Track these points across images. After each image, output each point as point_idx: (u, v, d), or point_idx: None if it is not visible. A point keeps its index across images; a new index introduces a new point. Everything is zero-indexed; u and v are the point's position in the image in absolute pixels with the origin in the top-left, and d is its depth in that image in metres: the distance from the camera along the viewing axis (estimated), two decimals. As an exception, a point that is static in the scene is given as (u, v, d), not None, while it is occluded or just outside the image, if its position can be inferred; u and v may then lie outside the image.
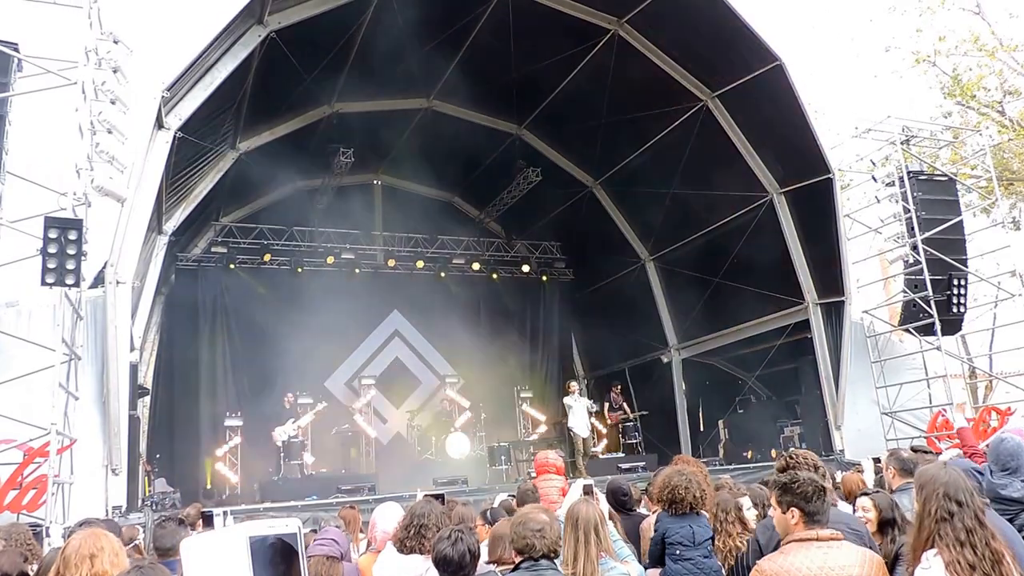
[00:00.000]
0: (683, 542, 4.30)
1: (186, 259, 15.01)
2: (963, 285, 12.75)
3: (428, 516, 3.98)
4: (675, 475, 4.58)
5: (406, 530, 3.98)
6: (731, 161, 13.52)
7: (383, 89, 14.21)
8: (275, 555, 1.22)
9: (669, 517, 4.47)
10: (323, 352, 15.57)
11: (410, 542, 3.93)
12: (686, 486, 4.45)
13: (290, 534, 1.25)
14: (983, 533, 2.67)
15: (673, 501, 4.45)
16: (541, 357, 18.29)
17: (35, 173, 8.04)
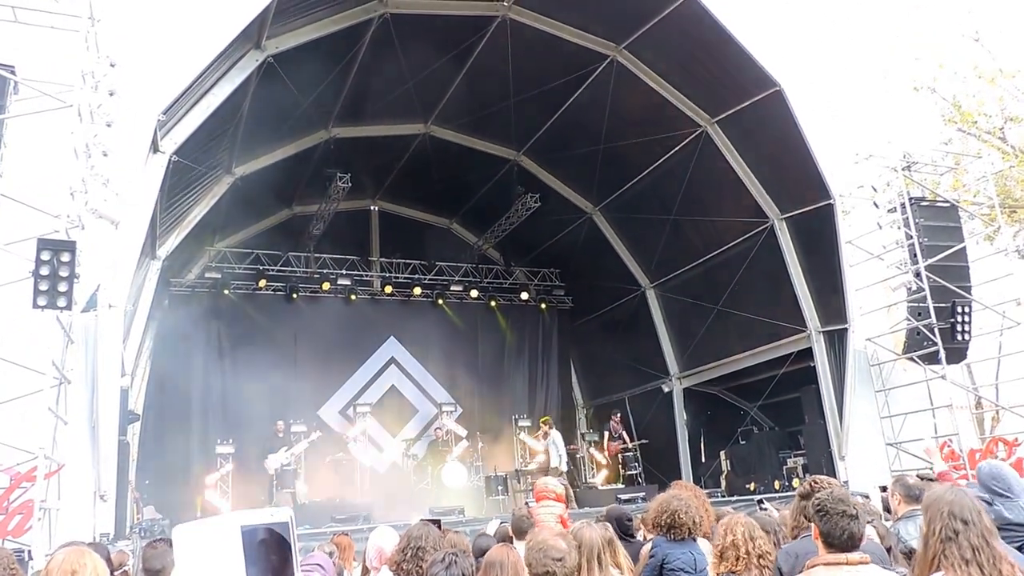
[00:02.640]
0: (685, 568, 4.26)
1: (180, 284, 15.09)
2: (967, 313, 12.71)
3: (425, 539, 3.95)
4: (672, 500, 4.55)
5: (402, 553, 3.95)
6: (731, 187, 13.64)
7: (381, 114, 14.40)
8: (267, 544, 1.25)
9: (668, 542, 4.42)
10: (317, 380, 15.58)
11: (407, 565, 3.90)
12: (685, 511, 4.43)
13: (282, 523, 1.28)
14: (990, 552, 2.62)
15: (672, 526, 4.41)
16: (540, 386, 18.28)
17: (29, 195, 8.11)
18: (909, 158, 14.13)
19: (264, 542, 1.25)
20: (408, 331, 17.19)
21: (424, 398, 17.18)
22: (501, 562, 3.49)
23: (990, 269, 14.43)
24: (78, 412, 9.02)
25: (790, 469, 13.69)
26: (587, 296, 18.41)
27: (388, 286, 16.73)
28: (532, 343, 18.47)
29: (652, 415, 16.67)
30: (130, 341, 10.79)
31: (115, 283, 9.04)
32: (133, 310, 10.81)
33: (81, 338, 9.10)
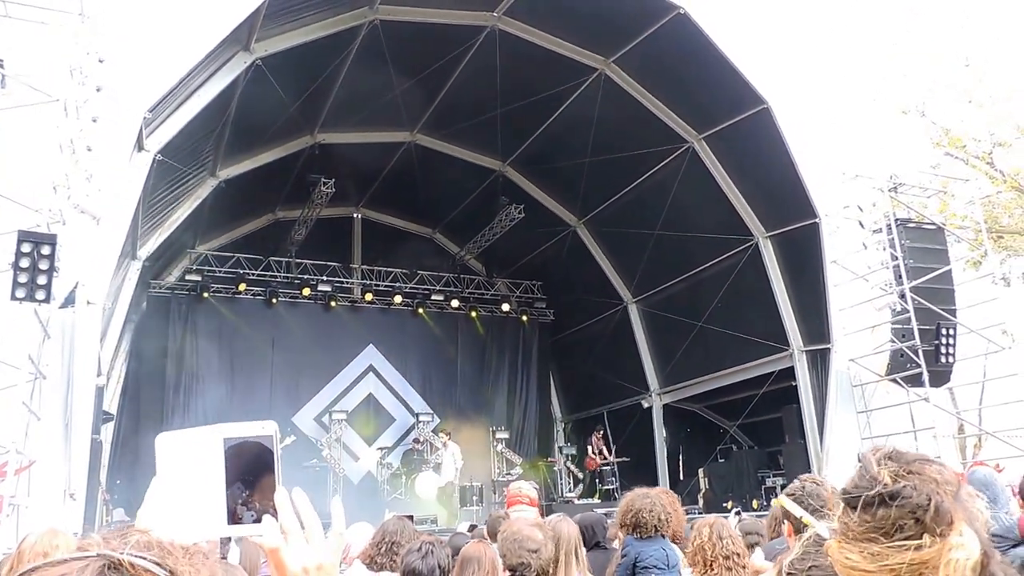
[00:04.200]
0: (657, 565, 4.28)
1: (159, 286, 15.27)
2: (952, 335, 12.86)
3: (400, 533, 3.98)
4: (636, 498, 4.57)
5: (377, 547, 3.97)
6: (717, 203, 13.87)
7: (367, 121, 14.64)
8: (250, 457, 1.24)
9: (637, 541, 4.45)
10: (294, 385, 15.77)
11: (381, 559, 3.93)
12: (650, 508, 4.44)
13: (266, 436, 1.25)
14: None
15: (637, 524, 4.44)
16: (519, 398, 18.48)
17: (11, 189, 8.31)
18: (896, 179, 14.44)
19: (247, 455, 1.24)
20: (387, 339, 17.40)
21: (401, 407, 17.36)
22: (478, 558, 3.49)
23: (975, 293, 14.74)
24: (52, 409, 9.15)
25: (769, 489, 13.89)
26: (568, 309, 18.65)
27: (368, 293, 16.95)
28: (512, 355, 18.69)
29: (631, 431, 16.84)
30: (107, 340, 10.94)
31: (94, 280, 9.21)
32: (112, 309, 10.97)
33: (58, 334, 9.24)
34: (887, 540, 0.71)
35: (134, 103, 9.12)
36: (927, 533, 0.70)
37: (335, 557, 1.22)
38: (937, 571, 0.68)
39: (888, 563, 0.70)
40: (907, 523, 0.71)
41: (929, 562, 0.69)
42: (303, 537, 1.20)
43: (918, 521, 0.71)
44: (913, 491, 0.72)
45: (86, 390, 9.18)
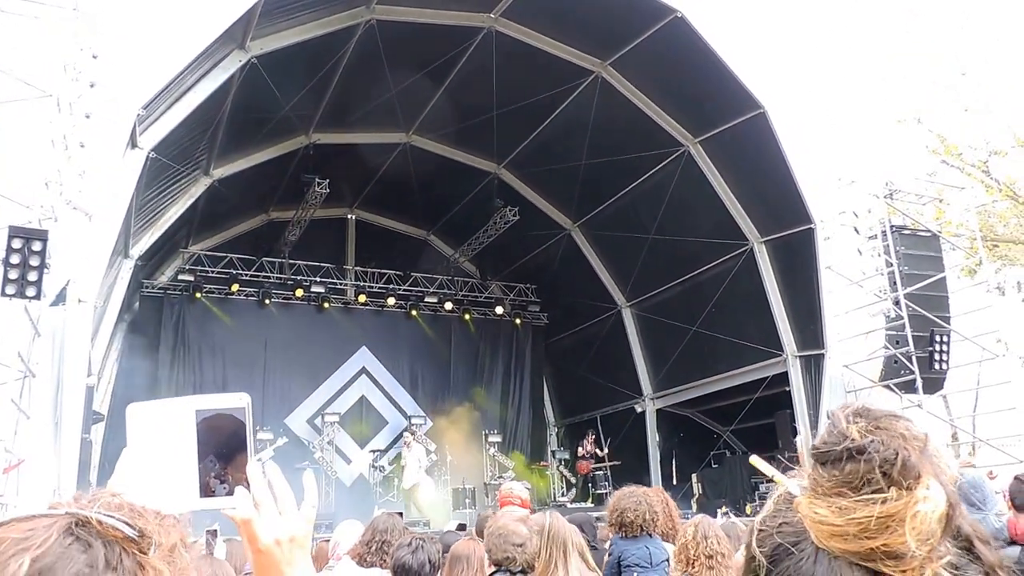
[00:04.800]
0: (640, 563, 4.36)
1: (151, 286, 15.23)
2: (946, 342, 12.93)
3: (391, 532, 3.96)
4: (625, 496, 4.65)
5: (367, 545, 3.95)
6: (712, 208, 13.91)
7: (362, 121, 14.64)
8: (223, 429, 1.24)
9: (623, 540, 4.52)
10: (286, 387, 15.73)
11: (371, 557, 3.91)
12: (635, 508, 4.51)
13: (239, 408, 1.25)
14: None
15: (623, 524, 4.51)
16: (512, 402, 18.45)
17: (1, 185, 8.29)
18: (891, 186, 14.51)
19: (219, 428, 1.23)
20: (380, 341, 17.36)
21: (394, 410, 17.31)
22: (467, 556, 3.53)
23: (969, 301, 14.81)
24: (42, 407, 9.11)
25: (762, 495, 13.92)
26: (563, 313, 18.65)
27: (362, 295, 16.91)
28: (505, 358, 18.65)
29: (624, 435, 16.81)
30: (98, 340, 10.90)
31: (86, 278, 9.18)
32: (103, 308, 10.93)
33: (48, 332, 9.21)
34: (855, 494, 0.73)
35: (128, 100, 9.10)
36: (894, 487, 0.71)
37: (307, 529, 1.23)
38: (904, 524, 0.70)
39: (856, 516, 0.71)
40: (874, 477, 0.72)
41: (896, 515, 0.70)
42: (275, 509, 1.20)
43: (885, 475, 0.72)
44: (881, 446, 0.73)
45: (76, 389, 9.15)
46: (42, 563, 0.80)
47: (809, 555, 0.75)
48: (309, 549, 1.24)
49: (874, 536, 0.71)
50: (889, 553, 0.71)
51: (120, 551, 0.85)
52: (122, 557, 0.85)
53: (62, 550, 0.82)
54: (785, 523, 0.79)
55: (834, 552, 0.74)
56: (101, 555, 0.83)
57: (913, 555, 0.71)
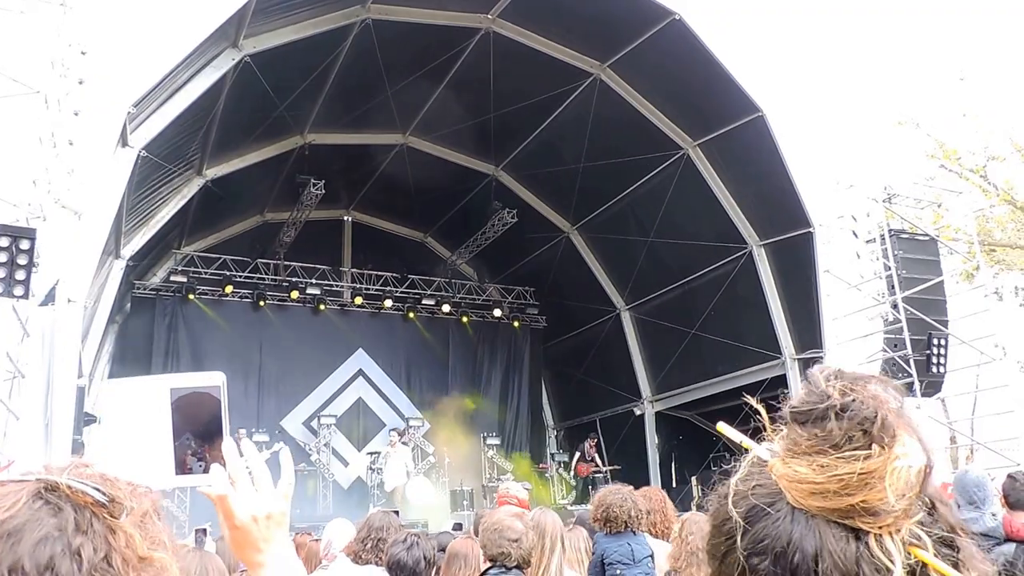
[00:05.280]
0: (622, 560, 4.36)
1: (143, 287, 15.02)
2: (943, 345, 12.93)
3: (386, 529, 3.91)
4: (610, 493, 4.66)
5: (362, 543, 3.93)
6: (711, 211, 13.80)
7: (358, 122, 14.47)
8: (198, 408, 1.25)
9: (606, 537, 4.54)
10: (282, 389, 15.52)
11: (366, 554, 3.88)
12: (620, 504, 4.51)
13: (214, 387, 1.27)
14: None
15: (608, 519, 4.51)
16: (510, 405, 18.27)
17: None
18: (890, 190, 14.45)
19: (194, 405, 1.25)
20: (377, 344, 17.18)
21: (392, 412, 17.10)
22: (465, 554, 3.53)
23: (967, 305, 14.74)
24: (31, 408, 8.93)
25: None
26: (561, 316, 18.49)
27: (358, 297, 16.71)
28: (503, 361, 18.47)
29: (623, 438, 16.73)
30: (89, 341, 10.71)
31: (76, 277, 8.99)
32: (93, 309, 10.74)
33: (37, 332, 9.03)
34: (836, 452, 0.74)
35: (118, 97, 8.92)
36: (875, 443, 0.73)
37: (284, 506, 1.23)
38: (883, 480, 0.72)
39: (837, 473, 0.73)
40: (856, 435, 0.73)
41: (876, 471, 0.72)
42: (252, 486, 1.20)
43: (866, 433, 0.73)
44: (861, 405, 0.74)
45: (67, 390, 8.95)
46: (10, 525, 0.80)
47: (785, 515, 0.76)
48: (286, 527, 1.24)
49: (854, 492, 0.72)
50: (867, 509, 0.72)
51: (91, 516, 0.85)
52: (92, 522, 0.85)
53: (31, 513, 0.82)
54: (759, 485, 0.80)
55: (811, 510, 0.74)
56: (71, 519, 0.83)
57: (890, 511, 0.72)
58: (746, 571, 0.77)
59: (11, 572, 0.78)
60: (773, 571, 0.74)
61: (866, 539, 0.72)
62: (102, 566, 0.83)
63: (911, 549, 0.72)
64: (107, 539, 0.84)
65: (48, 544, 0.80)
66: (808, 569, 0.72)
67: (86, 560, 0.82)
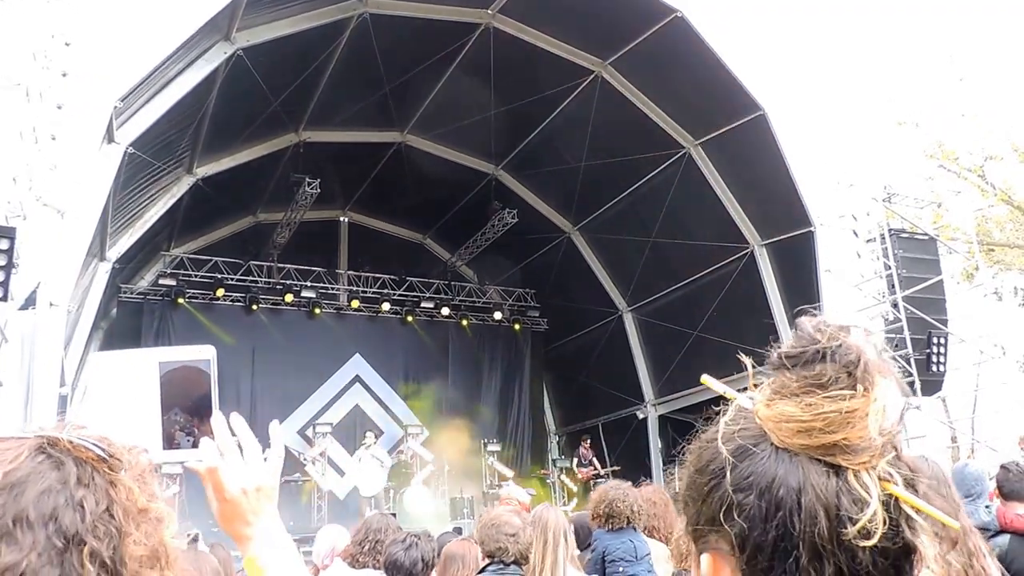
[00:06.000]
0: (625, 557, 4.27)
1: (130, 291, 14.48)
2: (943, 344, 12.88)
3: (384, 531, 3.82)
4: (611, 489, 4.62)
5: (360, 545, 3.84)
6: (713, 211, 13.57)
7: (355, 119, 14.08)
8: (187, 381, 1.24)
9: (607, 534, 4.46)
10: (275, 397, 15.02)
11: (363, 557, 3.78)
12: (622, 499, 4.45)
13: (203, 360, 1.27)
14: None
15: (610, 515, 4.45)
16: (511, 409, 17.85)
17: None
18: (890, 189, 14.39)
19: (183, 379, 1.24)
20: (375, 348, 16.69)
21: (390, 419, 16.61)
22: (462, 556, 3.47)
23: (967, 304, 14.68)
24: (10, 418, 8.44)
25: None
26: (562, 318, 18.12)
27: (355, 300, 16.21)
28: (504, 365, 18.05)
29: (626, 442, 16.42)
30: (72, 348, 10.21)
31: (58, 280, 8.50)
32: (77, 313, 10.25)
33: (17, 337, 8.52)
34: (823, 392, 0.78)
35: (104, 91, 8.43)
36: (858, 384, 0.77)
37: (274, 480, 1.23)
38: (865, 419, 0.77)
39: (823, 411, 0.77)
40: (841, 376, 0.78)
41: (859, 411, 0.77)
42: (241, 459, 1.21)
43: (850, 375, 0.78)
44: (847, 349, 0.79)
45: (48, 398, 8.45)
46: (14, 477, 0.83)
47: (769, 454, 0.80)
48: (275, 500, 1.23)
49: (837, 430, 0.77)
50: (848, 447, 0.77)
51: (92, 470, 0.89)
52: (94, 476, 0.88)
53: (34, 466, 0.85)
54: (743, 428, 0.83)
55: (795, 449, 0.79)
56: (73, 472, 0.87)
57: (869, 448, 0.77)
58: (731, 507, 0.80)
59: (15, 522, 0.81)
60: (758, 505, 0.78)
61: (845, 475, 0.77)
62: (104, 517, 0.86)
63: (884, 484, 0.77)
64: (108, 492, 0.88)
65: (51, 496, 0.84)
66: (792, 502, 0.76)
67: (88, 511, 0.85)
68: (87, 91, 8.24)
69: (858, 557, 0.74)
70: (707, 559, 0.83)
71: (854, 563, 0.74)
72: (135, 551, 0.87)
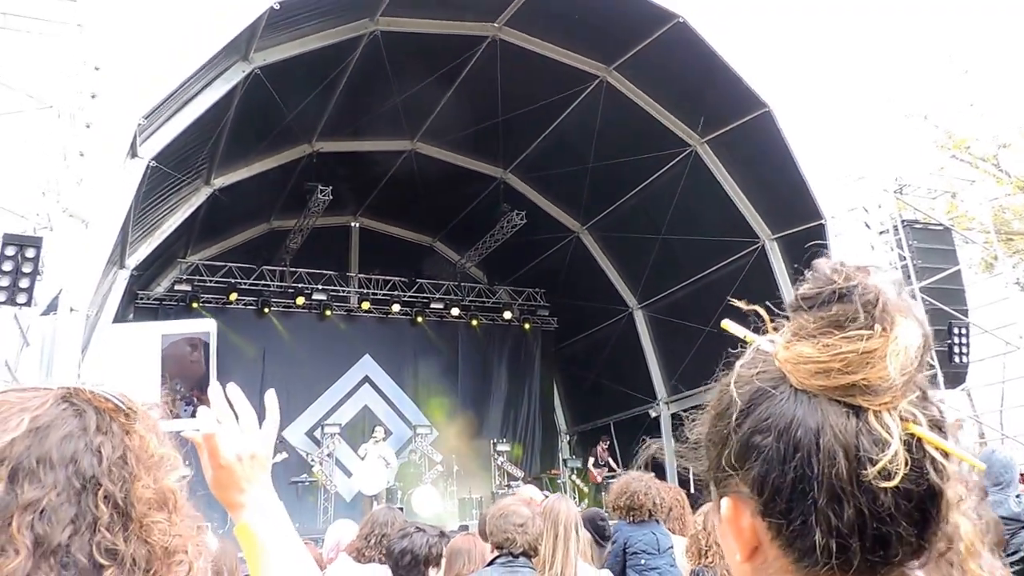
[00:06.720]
0: (647, 550, 4.26)
1: (147, 297, 15.06)
2: (965, 335, 12.86)
3: (390, 525, 3.84)
4: (632, 481, 4.56)
5: (366, 539, 3.87)
6: (721, 206, 13.79)
7: (366, 130, 14.59)
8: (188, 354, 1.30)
9: (628, 526, 4.42)
10: (285, 398, 15.15)
11: (369, 551, 3.80)
12: (644, 491, 4.43)
13: (204, 332, 1.33)
14: None
15: (631, 507, 4.41)
16: (521, 409, 18.10)
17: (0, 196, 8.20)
18: (901, 181, 14.42)
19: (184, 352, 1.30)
20: (384, 349, 17.05)
21: (399, 420, 16.93)
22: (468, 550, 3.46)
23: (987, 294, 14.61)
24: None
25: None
26: (572, 317, 18.39)
27: (365, 302, 16.63)
28: (514, 365, 18.32)
29: (639, 442, 16.35)
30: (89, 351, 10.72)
31: (79, 286, 9.00)
32: (96, 318, 10.74)
33: (38, 341, 9.02)
34: (840, 332, 0.78)
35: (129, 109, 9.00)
36: (876, 324, 0.77)
37: (268, 449, 1.29)
38: (884, 359, 0.76)
39: (841, 351, 0.77)
40: (859, 316, 0.78)
41: (877, 351, 0.76)
42: (237, 427, 1.25)
43: (868, 314, 0.77)
44: (864, 288, 0.79)
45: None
46: (39, 422, 0.90)
47: (788, 396, 0.80)
48: (269, 469, 1.29)
49: (856, 370, 0.76)
50: (868, 387, 0.76)
51: (109, 419, 0.95)
52: (111, 424, 0.95)
53: (57, 412, 0.92)
54: (762, 371, 0.84)
55: (813, 390, 0.78)
56: (93, 420, 0.93)
57: (889, 388, 0.76)
58: (750, 449, 0.80)
59: (39, 462, 0.87)
60: (776, 447, 0.78)
61: (865, 415, 0.76)
62: (119, 463, 0.93)
63: (906, 425, 0.76)
64: (123, 440, 0.95)
65: (72, 440, 0.90)
66: (810, 443, 0.76)
67: (105, 457, 0.92)
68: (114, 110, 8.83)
69: (879, 499, 0.74)
70: (727, 502, 0.84)
71: (875, 505, 0.74)
72: (145, 494, 0.93)
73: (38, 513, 0.85)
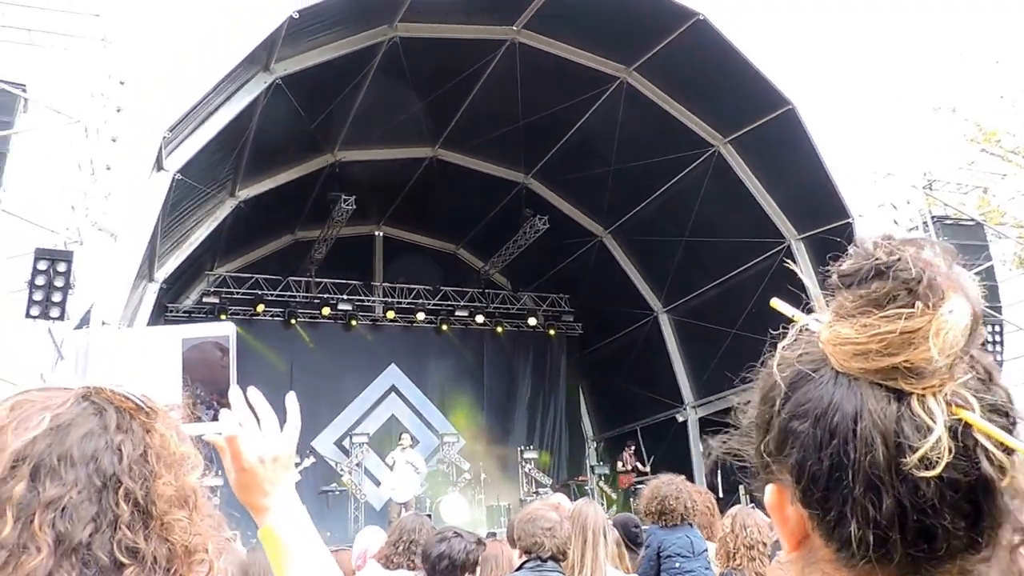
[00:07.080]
0: (682, 553, 4.27)
1: (176, 310, 15.33)
2: (998, 332, 12.69)
3: (419, 532, 3.86)
4: (663, 485, 4.58)
5: (394, 546, 3.87)
6: (746, 207, 13.75)
7: (387, 137, 14.75)
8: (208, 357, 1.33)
9: (662, 529, 4.43)
10: (313, 408, 15.58)
11: (398, 558, 3.82)
12: (676, 495, 4.45)
13: (223, 336, 1.35)
14: None
15: (663, 512, 4.42)
16: (547, 416, 18.14)
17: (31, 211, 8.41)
18: (930, 176, 14.27)
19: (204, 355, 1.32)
20: (410, 358, 17.19)
21: (425, 428, 17.04)
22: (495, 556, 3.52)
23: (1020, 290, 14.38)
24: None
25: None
26: (597, 322, 18.40)
27: (390, 311, 16.80)
28: (539, 371, 18.36)
29: (666, 447, 16.54)
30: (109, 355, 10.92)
31: (110, 300, 9.21)
32: (128, 332, 10.97)
33: (71, 355, 9.25)
34: (880, 311, 0.73)
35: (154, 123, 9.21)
36: (919, 302, 0.72)
37: (290, 450, 1.31)
38: (927, 340, 0.71)
39: (880, 332, 0.73)
40: (900, 293, 0.73)
41: (920, 331, 0.71)
42: (259, 430, 1.28)
43: (910, 292, 0.73)
44: (907, 264, 0.74)
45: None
46: (60, 420, 0.92)
47: (828, 379, 0.76)
48: (292, 471, 1.31)
49: (897, 352, 0.72)
50: (911, 369, 0.72)
51: (130, 418, 0.97)
52: (132, 423, 0.97)
53: (79, 410, 0.94)
54: (805, 353, 0.81)
55: (854, 373, 0.75)
56: (113, 419, 0.95)
57: (934, 370, 0.71)
58: (789, 435, 0.78)
59: (60, 460, 0.89)
60: (812, 433, 0.75)
61: (908, 400, 0.72)
62: (139, 461, 0.94)
63: (955, 410, 0.71)
64: (144, 438, 0.96)
65: (93, 439, 0.92)
66: (846, 429, 0.73)
67: (126, 455, 0.93)
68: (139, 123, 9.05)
69: (921, 490, 0.70)
70: (771, 489, 0.82)
71: (917, 496, 0.70)
72: (166, 492, 0.94)
73: (59, 511, 0.86)
